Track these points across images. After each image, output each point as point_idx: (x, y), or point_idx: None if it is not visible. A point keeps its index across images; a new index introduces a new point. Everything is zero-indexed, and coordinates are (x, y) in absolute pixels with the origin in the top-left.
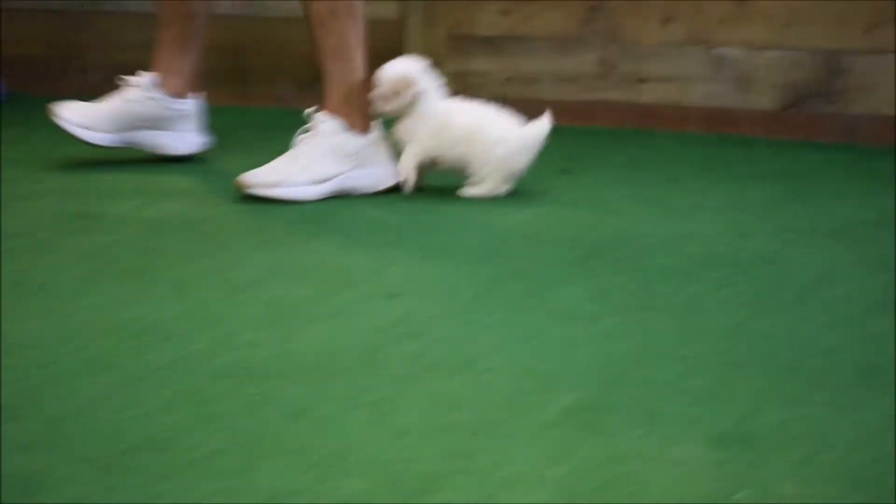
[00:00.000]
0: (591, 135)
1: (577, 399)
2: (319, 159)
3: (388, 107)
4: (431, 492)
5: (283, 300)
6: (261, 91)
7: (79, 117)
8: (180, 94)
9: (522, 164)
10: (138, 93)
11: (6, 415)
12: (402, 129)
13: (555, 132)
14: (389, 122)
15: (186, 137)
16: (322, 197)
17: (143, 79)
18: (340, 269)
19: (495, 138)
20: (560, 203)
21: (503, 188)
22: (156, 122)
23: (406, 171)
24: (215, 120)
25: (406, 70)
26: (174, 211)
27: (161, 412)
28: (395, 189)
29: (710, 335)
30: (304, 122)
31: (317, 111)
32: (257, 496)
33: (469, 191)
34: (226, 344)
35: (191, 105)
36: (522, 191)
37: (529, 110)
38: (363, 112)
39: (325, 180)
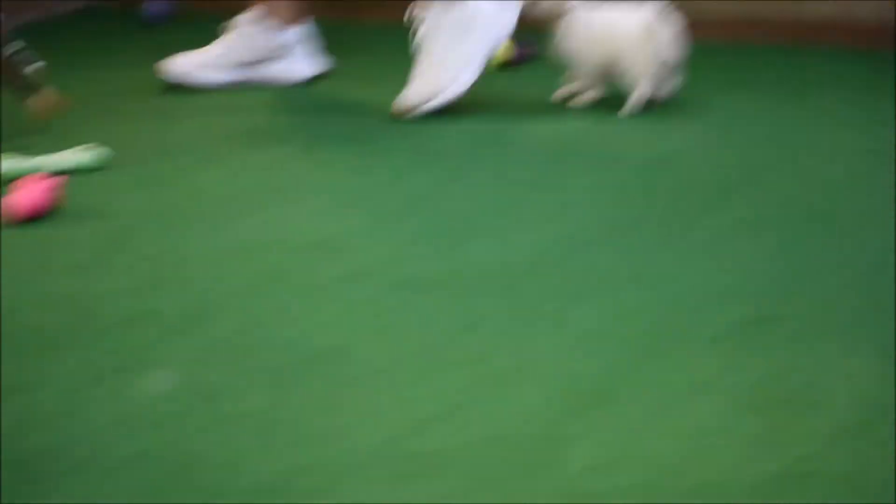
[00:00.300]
0: (752, 52)
1: (749, 311)
2: (452, 48)
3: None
4: (606, 402)
5: (453, 214)
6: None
7: (188, 64)
8: (288, 23)
9: (661, 51)
10: (244, 30)
11: (184, 327)
12: (559, 46)
13: (715, 49)
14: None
15: (301, 63)
16: (477, 75)
17: (246, 16)
18: (509, 184)
19: (627, 33)
20: (723, 121)
21: (656, 85)
22: (268, 55)
23: (581, 88)
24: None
25: None
26: (340, 127)
27: (335, 324)
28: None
29: (882, 248)
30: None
31: (414, 10)
32: (434, 406)
33: (626, 108)
34: (397, 257)
35: (299, 32)
36: (684, 107)
37: (690, 26)
38: None
39: (469, 64)
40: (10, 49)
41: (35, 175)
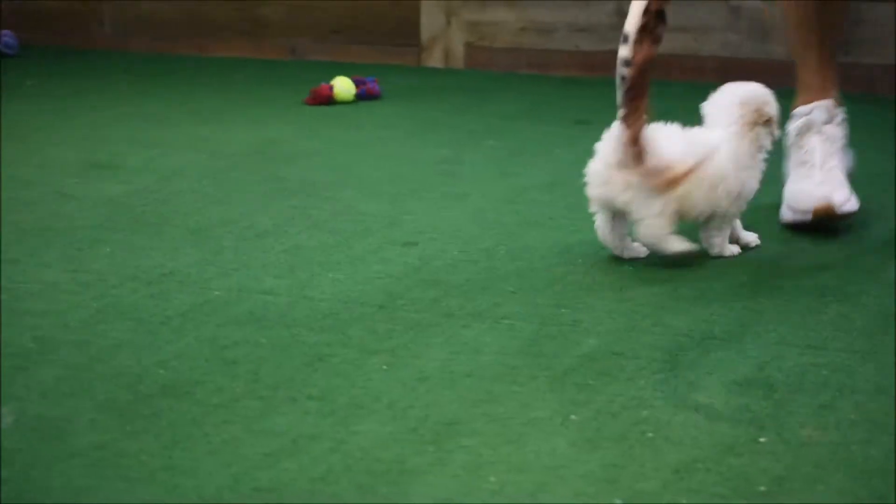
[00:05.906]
0: (607, 85)
1: (597, 346)
2: None
3: None
4: (451, 436)
5: (301, 248)
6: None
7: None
8: None
9: None
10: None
11: (26, 361)
12: None
13: (569, 83)
14: None
15: None
16: None
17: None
18: (358, 218)
19: None
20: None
21: None
22: None
23: None
24: None
25: None
26: (190, 162)
27: (181, 358)
28: None
29: (729, 285)
30: None
31: None
32: (278, 441)
33: None
34: (244, 291)
35: None
36: (533, 144)
37: (544, 60)
38: None
39: None
40: None
41: None
